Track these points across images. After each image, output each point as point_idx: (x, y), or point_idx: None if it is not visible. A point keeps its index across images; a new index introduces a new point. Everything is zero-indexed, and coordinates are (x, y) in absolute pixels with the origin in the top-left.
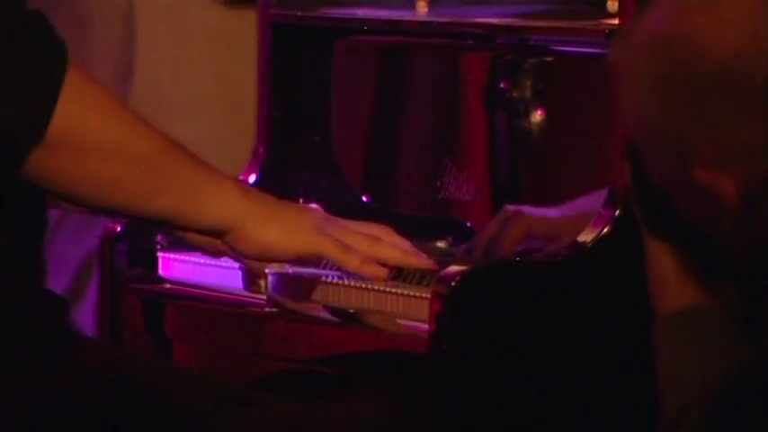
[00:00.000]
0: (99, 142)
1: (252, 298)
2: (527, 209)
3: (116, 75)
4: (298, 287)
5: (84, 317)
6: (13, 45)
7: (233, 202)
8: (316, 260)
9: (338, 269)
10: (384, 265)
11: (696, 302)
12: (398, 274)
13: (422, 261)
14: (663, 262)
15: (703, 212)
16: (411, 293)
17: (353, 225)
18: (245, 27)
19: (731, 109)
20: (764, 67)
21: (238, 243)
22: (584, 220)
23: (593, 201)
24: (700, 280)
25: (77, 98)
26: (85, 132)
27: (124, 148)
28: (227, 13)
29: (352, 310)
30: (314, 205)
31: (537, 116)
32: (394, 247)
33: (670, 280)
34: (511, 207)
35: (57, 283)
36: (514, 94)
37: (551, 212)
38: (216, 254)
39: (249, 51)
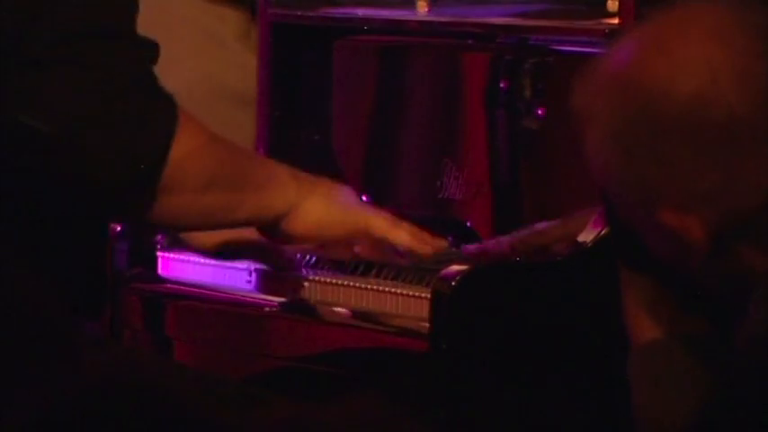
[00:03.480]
0: (198, 180)
1: (252, 298)
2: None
3: None
4: (298, 287)
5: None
6: (128, 106)
7: (288, 188)
8: (361, 235)
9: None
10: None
11: (669, 333)
12: (398, 273)
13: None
14: (636, 293)
15: (672, 252)
16: (411, 293)
17: None
18: (227, 23)
19: (693, 152)
20: (724, 109)
21: (294, 225)
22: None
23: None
24: (672, 311)
25: (181, 143)
26: (187, 174)
27: (217, 179)
28: (206, 6)
29: (354, 311)
30: None
31: (537, 116)
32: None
33: (643, 311)
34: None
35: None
36: (514, 94)
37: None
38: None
39: (232, 47)
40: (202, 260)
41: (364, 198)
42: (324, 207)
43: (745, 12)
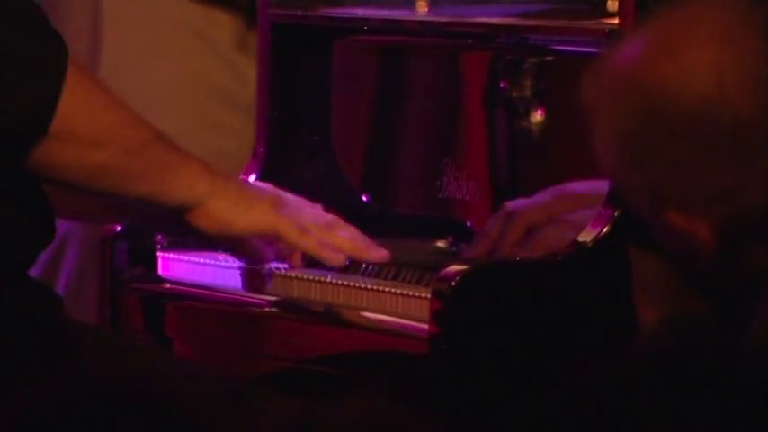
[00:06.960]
0: (92, 133)
1: (252, 298)
2: (521, 203)
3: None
4: (295, 285)
5: (84, 317)
6: (15, 39)
7: (199, 181)
8: (272, 238)
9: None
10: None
11: (676, 308)
12: (398, 273)
13: (373, 254)
14: (645, 268)
15: (681, 250)
16: (411, 293)
17: (307, 208)
18: (214, 22)
19: (700, 156)
20: (731, 112)
21: (200, 220)
22: (577, 201)
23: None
24: (681, 286)
25: (75, 91)
26: (80, 124)
27: (113, 139)
28: (196, 8)
29: (353, 311)
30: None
31: (537, 116)
32: (346, 237)
33: (651, 285)
34: (509, 205)
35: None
36: (514, 94)
37: (543, 197)
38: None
39: (219, 47)
40: (202, 260)
41: (364, 198)
42: (231, 206)
43: (751, 12)
